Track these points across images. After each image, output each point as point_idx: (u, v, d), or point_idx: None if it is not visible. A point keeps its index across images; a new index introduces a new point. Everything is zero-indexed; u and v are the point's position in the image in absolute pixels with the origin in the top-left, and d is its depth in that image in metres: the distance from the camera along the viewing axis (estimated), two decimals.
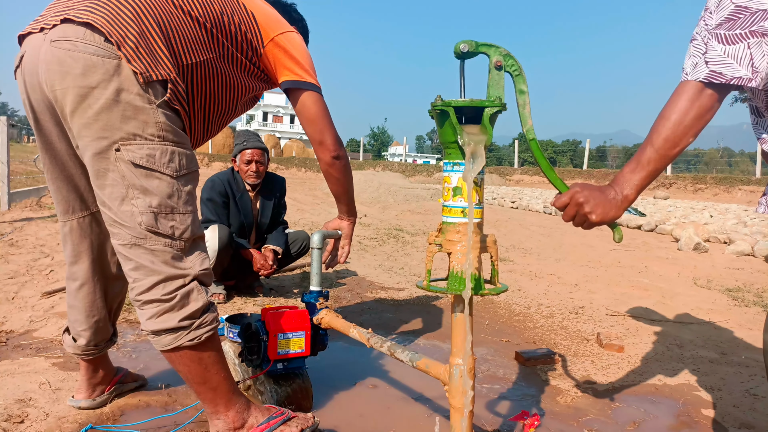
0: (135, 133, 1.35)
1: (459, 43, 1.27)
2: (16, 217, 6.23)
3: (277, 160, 22.39)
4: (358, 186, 11.70)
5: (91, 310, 1.71)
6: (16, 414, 1.71)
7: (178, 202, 1.41)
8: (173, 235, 1.40)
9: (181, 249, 1.42)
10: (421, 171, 22.24)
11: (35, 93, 1.42)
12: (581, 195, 1.24)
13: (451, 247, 1.27)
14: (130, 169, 1.35)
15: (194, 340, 1.41)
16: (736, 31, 1.11)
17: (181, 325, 1.40)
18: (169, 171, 1.39)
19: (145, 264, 1.38)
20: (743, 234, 6.40)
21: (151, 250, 1.38)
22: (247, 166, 3.30)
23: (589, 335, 2.84)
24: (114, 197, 1.37)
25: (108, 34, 1.32)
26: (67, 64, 1.31)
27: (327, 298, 1.96)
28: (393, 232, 6.44)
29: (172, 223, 1.40)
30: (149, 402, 1.88)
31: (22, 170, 11.55)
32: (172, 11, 1.46)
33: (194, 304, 1.42)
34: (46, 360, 2.20)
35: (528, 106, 1.29)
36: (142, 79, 1.34)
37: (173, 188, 1.41)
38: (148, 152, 1.36)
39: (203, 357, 1.44)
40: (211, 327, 1.45)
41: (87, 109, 1.33)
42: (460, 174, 1.27)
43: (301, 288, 3.69)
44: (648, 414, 1.98)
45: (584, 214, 1.24)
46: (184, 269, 1.42)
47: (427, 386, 2.09)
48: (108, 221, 1.40)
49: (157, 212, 1.38)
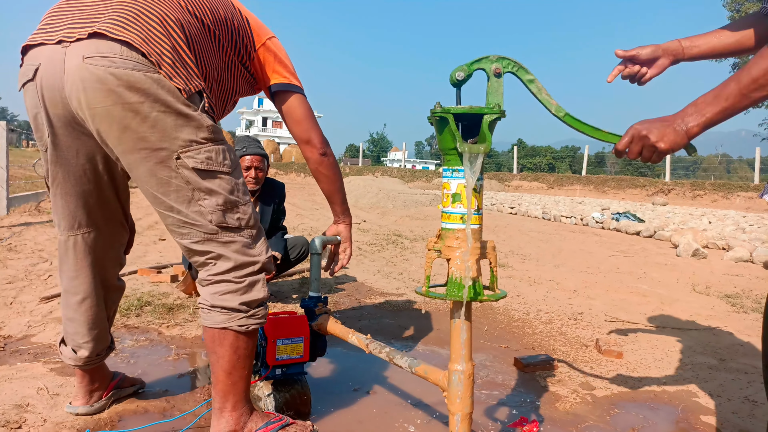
0: (191, 140, 1.40)
1: (454, 72, 1.28)
2: (15, 221, 6.23)
3: (277, 166, 22.39)
4: (357, 191, 11.70)
5: (93, 323, 1.73)
6: (13, 420, 1.71)
7: (239, 195, 1.50)
8: (241, 226, 1.49)
9: (249, 236, 1.51)
10: (420, 176, 22.26)
11: (56, 108, 1.41)
12: (642, 127, 1.20)
13: (450, 253, 1.28)
14: (193, 174, 1.41)
15: (243, 327, 1.48)
16: None
17: (239, 307, 1.47)
18: (226, 168, 1.47)
19: (220, 253, 1.46)
20: (742, 240, 6.40)
21: (224, 243, 1.47)
22: (247, 172, 3.31)
23: (587, 341, 2.84)
24: (181, 201, 1.42)
25: (147, 54, 1.33)
26: (109, 81, 1.31)
27: (326, 304, 1.96)
28: (392, 238, 6.44)
29: (238, 215, 1.49)
30: (147, 408, 1.88)
31: (21, 175, 11.54)
32: (192, 21, 1.48)
33: (256, 293, 1.50)
34: (44, 365, 2.19)
35: (544, 90, 1.30)
36: (185, 94, 1.38)
37: (232, 184, 1.49)
38: (206, 155, 1.43)
39: (239, 347, 1.49)
40: (260, 321, 1.52)
41: (141, 123, 1.35)
42: (459, 180, 1.27)
43: (300, 293, 3.68)
44: (647, 420, 1.98)
45: (652, 144, 1.19)
46: (254, 256, 1.51)
47: (426, 392, 2.08)
48: (176, 224, 1.45)
49: (224, 209, 1.46)
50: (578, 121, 1.31)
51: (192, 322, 2.89)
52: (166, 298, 3.31)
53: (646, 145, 1.21)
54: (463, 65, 1.28)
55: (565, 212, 9.90)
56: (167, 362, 2.32)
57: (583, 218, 9.19)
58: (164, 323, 2.84)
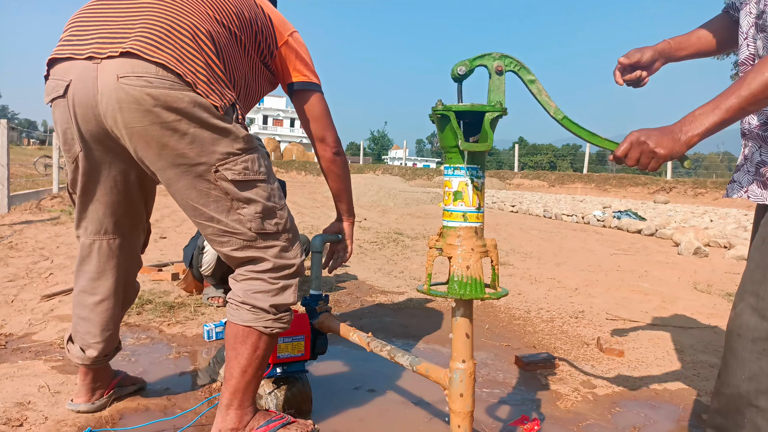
0: (228, 152, 1.41)
1: (456, 67, 1.27)
2: (16, 219, 6.23)
3: (277, 164, 22.40)
4: (358, 189, 11.70)
5: (107, 325, 1.74)
6: (15, 417, 1.71)
7: (275, 201, 1.52)
8: (279, 231, 1.52)
9: (287, 240, 1.54)
10: (421, 174, 22.25)
11: (89, 124, 1.41)
12: (641, 134, 1.21)
13: (452, 251, 1.27)
14: (231, 186, 1.43)
15: (267, 328, 1.50)
16: None
17: (268, 309, 1.49)
18: (262, 176, 1.49)
19: (259, 256, 1.50)
20: (743, 239, 6.40)
21: (263, 248, 1.50)
22: None
23: (589, 340, 2.84)
24: (221, 211, 1.45)
25: (183, 75, 1.33)
26: (146, 101, 1.32)
27: (327, 302, 1.96)
28: (393, 236, 6.44)
29: (276, 220, 1.52)
30: (148, 406, 1.88)
31: (21, 173, 11.56)
32: (221, 32, 1.47)
33: (287, 297, 1.53)
34: (45, 363, 2.19)
35: (544, 91, 1.30)
36: (221, 110, 1.39)
37: (269, 190, 1.51)
38: (243, 166, 1.44)
39: (260, 348, 1.51)
40: (284, 326, 1.55)
41: (179, 140, 1.36)
42: (460, 178, 1.27)
43: (301, 291, 3.68)
44: (648, 419, 1.97)
45: (650, 150, 1.20)
46: (290, 259, 1.54)
47: (427, 390, 2.08)
48: (216, 233, 1.47)
49: (263, 216, 1.48)
50: (576, 125, 1.30)
51: (193, 320, 2.89)
52: (167, 296, 3.31)
53: (644, 151, 1.21)
54: (465, 60, 1.27)
55: (567, 210, 9.90)
56: (168, 360, 2.32)
57: (584, 216, 9.18)
58: (165, 321, 2.84)
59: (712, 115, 1.17)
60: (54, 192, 9.67)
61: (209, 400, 1.91)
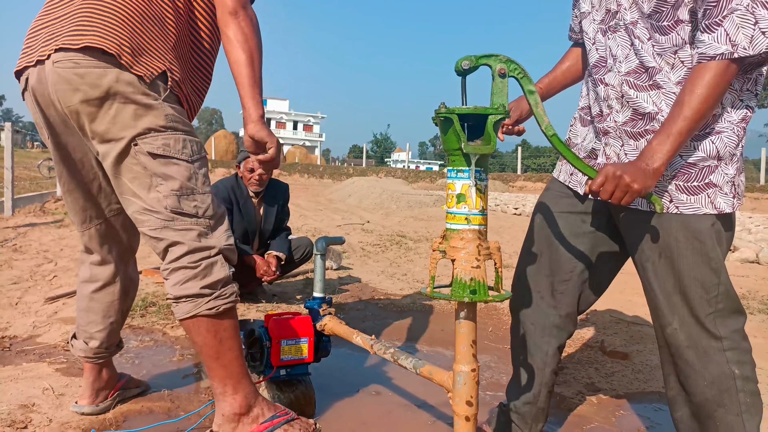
0: (149, 128, 1.44)
1: (460, 61, 1.27)
2: (20, 222, 6.26)
3: (280, 167, 22.43)
4: (361, 192, 11.71)
5: (108, 311, 1.78)
6: (19, 419, 1.71)
7: (197, 184, 1.51)
8: (197, 214, 1.50)
9: (206, 226, 1.52)
10: (424, 177, 22.25)
11: (50, 110, 1.51)
12: (616, 168, 1.25)
13: (455, 253, 1.27)
14: (149, 160, 1.45)
15: (212, 309, 1.48)
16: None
17: (201, 292, 1.47)
18: (184, 156, 1.50)
19: (176, 240, 1.48)
20: (748, 241, 6.38)
21: (179, 230, 1.48)
22: (251, 173, 3.31)
23: (593, 342, 2.83)
24: (142, 187, 1.46)
25: (107, 49, 1.39)
26: (75, 81, 1.40)
27: (330, 305, 1.96)
28: (396, 239, 6.44)
29: (195, 203, 1.50)
30: (152, 408, 1.88)
31: (26, 176, 11.60)
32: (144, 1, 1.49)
33: (216, 274, 1.50)
34: (49, 365, 2.20)
35: (541, 105, 1.30)
36: (147, 80, 1.43)
37: (191, 171, 1.51)
38: (163, 142, 1.46)
39: (219, 329, 1.50)
40: (229, 300, 1.52)
41: (104, 116, 1.43)
42: (463, 181, 1.27)
43: (304, 294, 3.68)
44: (652, 422, 1.97)
45: (626, 184, 1.24)
46: (209, 244, 1.51)
47: (430, 393, 2.08)
48: (139, 211, 1.48)
49: (180, 194, 1.48)
50: (563, 145, 1.31)
51: None
52: None
53: (619, 185, 1.26)
54: (470, 56, 1.27)
55: None
56: (172, 363, 2.32)
57: None
58: (168, 324, 2.84)
59: (668, 143, 1.26)
60: (58, 195, 9.70)
61: (213, 403, 1.91)
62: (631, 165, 1.26)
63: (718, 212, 1.34)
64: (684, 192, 1.36)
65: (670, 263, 1.38)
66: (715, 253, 1.35)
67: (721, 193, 1.34)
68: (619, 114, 1.44)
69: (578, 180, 1.57)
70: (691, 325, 1.37)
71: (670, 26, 1.32)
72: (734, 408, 1.35)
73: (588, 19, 1.52)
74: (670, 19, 1.32)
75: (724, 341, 1.36)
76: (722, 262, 1.36)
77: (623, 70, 1.41)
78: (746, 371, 1.36)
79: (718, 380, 1.35)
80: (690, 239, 1.35)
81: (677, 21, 1.31)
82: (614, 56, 1.44)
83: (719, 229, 1.35)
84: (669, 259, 1.38)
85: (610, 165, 1.27)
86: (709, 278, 1.35)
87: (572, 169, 1.59)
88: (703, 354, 1.36)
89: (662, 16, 1.32)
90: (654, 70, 1.36)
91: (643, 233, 1.43)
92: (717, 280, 1.35)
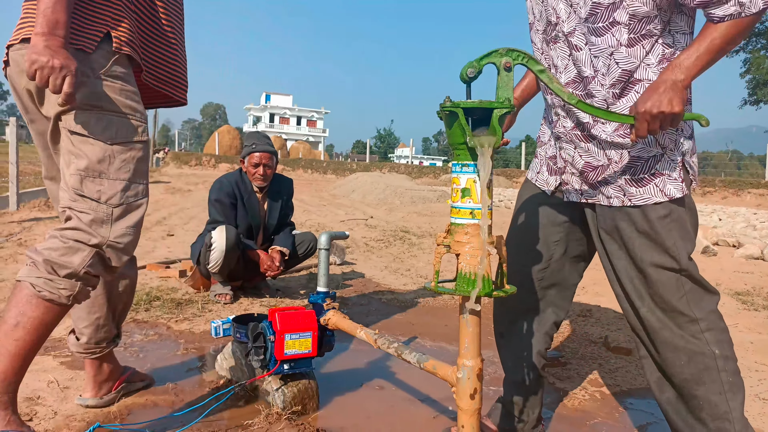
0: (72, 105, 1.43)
1: (465, 69, 1.27)
2: (25, 217, 6.28)
3: (284, 162, 22.46)
4: (364, 187, 11.69)
5: (92, 307, 1.74)
6: (24, 412, 1.72)
7: (108, 168, 1.47)
8: (99, 199, 1.45)
9: (106, 215, 1.46)
10: (428, 173, 22.22)
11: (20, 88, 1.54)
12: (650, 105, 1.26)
13: (460, 248, 1.27)
14: (68, 136, 1.46)
15: (37, 287, 1.39)
16: None
17: (45, 263, 1.40)
18: (102, 138, 1.46)
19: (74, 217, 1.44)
20: (752, 238, 6.35)
21: (78, 212, 1.44)
22: (255, 168, 3.31)
23: (596, 338, 2.83)
24: (64, 164, 1.48)
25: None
26: (21, 63, 1.43)
27: (334, 299, 1.97)
28: (399, 234, 6.44)
29: (100, 188, 1.45)
30: (156, 401, 1.89)
31: (30, 171, 11.63)
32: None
33: (71, 260, 1.41)
34: (54, 359, 2.21)
35: (555, 79, 1.33)
36: (88, 50, 1.44)
37: (105, 154, 1.46)
38: (82, 120, 1.44)
39: (25, 311, 1.39)
40: (57, 294, 1.40)
41: (40, 94, 1.47)
42: (468, 175, 1.26)
43: (308, 289, 3.69)
44: (656, 417, 1.96)
45: (669, 114, 1.25)
46: (97, 233, 1.44)
47: (433, 388, 2.08)
48: (63, 186, 1.48)
49: (84, 175, 1.44)
50: (590, 107, 1.34)
51: (200, 317, 2.91)
52: (174, 293, 3.32)
53: (665, 119, 1.27)
54: (473, 61, 1.27)
55: None
56: (176, 357, 2.33)
57: None
58: (173, 318, 2.85)
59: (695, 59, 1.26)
60: None
61: (217, 396, 1.92)
62: (658, 90, 1.26)
63: (669, 198, 1.39)
64: (633, 185, 1.41)
65: (627, 252, 1.45)
66: (670, 238, 1.39)
67: (670, 179, 1.40)
68: (566, 120, 1.50)
69: (544, 179, 1.62)
70: (657, 310, 1.42)
71: (605, 27, 1.36)
72: (716, 387, 1.38)
73: (533, 30, 1.56)
74: (605, 21, 1.36)
75: (701, 323, 1.40)
76: (682, 245, 1.40)
77: (563, 81, 1.47)
78: (726, 350, 1.40)
79: (695, 359, 1.39)
80: (644, 228, 1.41)
81: (613, 23, 1.35)
82: (555, 66, 1.49)
83: (675, 215, 1.40)
84: (627, 248, 1.44)
85: (639, 104, 1.28)
86: (669, 263, 1.40)
87: (538, 168, 1.66)
88: (678, 335, 1.40)
89: (597, 18, 1.36)
90: (588, 80, 1.41)
91: (602, 226, 1.49)
92: (677, 265, 1.39)
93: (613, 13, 1.34)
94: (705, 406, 1.39)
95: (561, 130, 1.52)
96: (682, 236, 1.41)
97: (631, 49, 1.36)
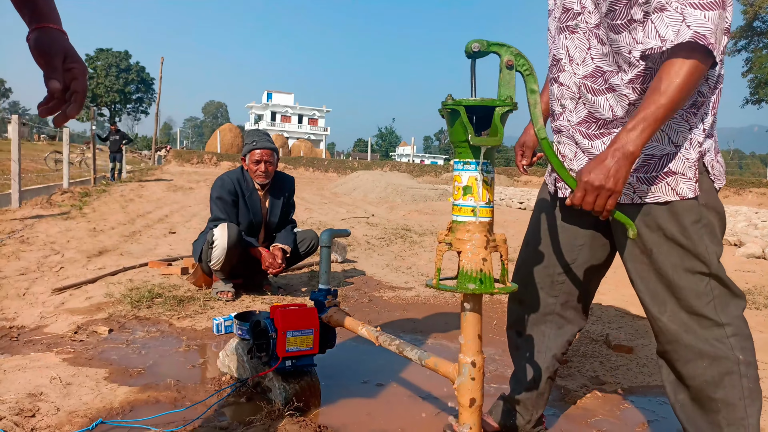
0: None
1: (470, 43, 1.26)
2: (27, 214, 6.29)
3: (285, 160, 22.46)
4: (366, 185, 11.69)
5: None
6: (27, 408, 1.73)
7: None
8: None
9: None
10: (429, 171, 22.20)
11: None
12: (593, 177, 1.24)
13: (461, 245, 1.27)
14: None
15: None
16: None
17: None
18: None
19: None
20: (754, 236, 6.35)
21: None
22: (256, 165, 3.32)
23: (597, 336, 2.83)
24: None
25: None
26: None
27: (335, 297, 1.97)
28: (400, 232, 6.44)
29: None
30: (158, 398, 1.90)
31: (32, 168, 11.65)
32: None
33: None
34: (56, 355, 2.22)
35: (539, 106, 1.29)
36: None
37: None
38: None
39: None
40: None
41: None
42: (470, 173, 1.26)
43: (309, 286, 3.70)
44: (657, 415, 1.97)
45: (608, 189, 1.23)
46: None
47: (435, 385, 2.09)
48: None
49: None
50: (551, 151, 1.31)
51: (202, 314, 2.91)
52: (176, 290, 3.33)
53: (601, 194, 1.24)
54: (482, 39, 1.26)
55: None
56: (178, 353, 2.34)
57: None
58: (175, 315, 2.86)
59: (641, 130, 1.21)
60: (64, 187, 9.73)
61: (218, 393, 1.92)
62: (602, 163, 1.23)
63: (680, 198, 1.35)
64: (644, 183, 1.38)
65: (648, 256, 1.41)
66: (689, 240, 1.35)
67: (683, 178, 1.35)
68: (572, 114, 1.45)
69: (548, 178, 1.60)
70: (681, 314, 1.39)
71: (623, 25, 1.33)
72: (737, 392, 1.35)
73: (551, 17, 1.53)
74: (623, 18, 1.32)
75: (727, 327, 1.36)
76: (706, 247, 1.36)
77: (581, 73, 1.42)
78: (749, 357, 1.37)
79: (718, 362, 1.35)
80: (662, 228, 1.37)
81: (630, 20, 1.31)
82: (571, 57, 1.44)
83: (694, 215, 1.35)
84: (647, 251, 1.41)
85: (583, 173, 1.25)
86: (698, 267, 1.36)
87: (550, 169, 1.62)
88: (702, 339, 1.37)
89: (616, 15, 1.33)
90: (609, 74, 1.38)
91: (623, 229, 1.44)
92: (706, 269, 1.36)
93: (630, 10, 1.30)
94: (722, 410, 1.36)
95: (564, 123, 1.48)
96: (709, 236, 1.37)
97: None
